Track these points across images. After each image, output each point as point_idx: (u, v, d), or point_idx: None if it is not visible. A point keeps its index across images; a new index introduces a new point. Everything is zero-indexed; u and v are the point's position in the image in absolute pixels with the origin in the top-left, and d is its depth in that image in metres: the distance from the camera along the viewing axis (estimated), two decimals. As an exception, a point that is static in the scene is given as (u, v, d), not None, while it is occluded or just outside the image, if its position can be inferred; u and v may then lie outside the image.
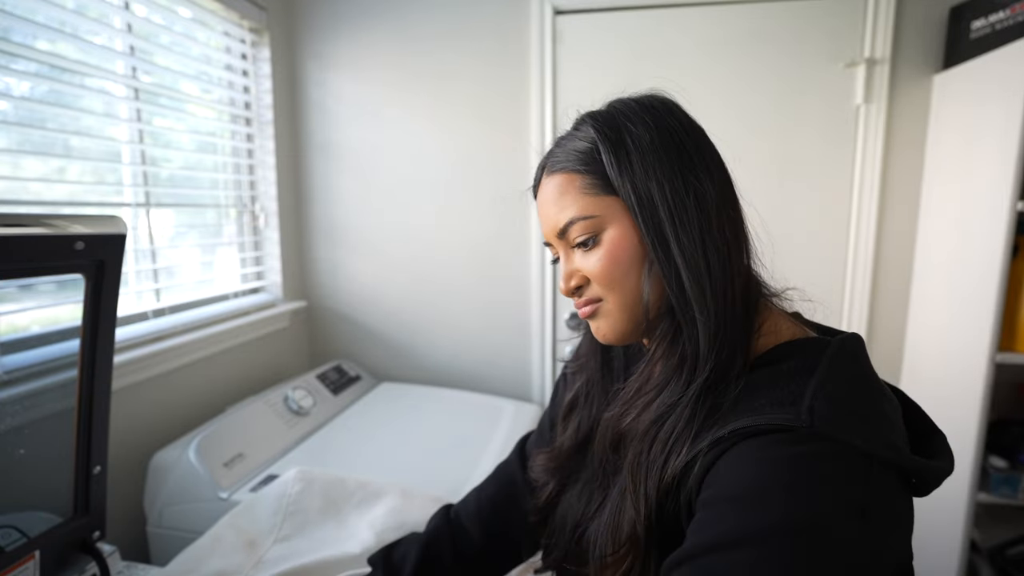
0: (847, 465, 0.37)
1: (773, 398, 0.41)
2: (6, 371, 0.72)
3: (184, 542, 1.05)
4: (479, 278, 1.71)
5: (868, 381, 0.44)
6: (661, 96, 0.54)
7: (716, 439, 0.41)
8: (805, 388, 0.41)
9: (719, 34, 1.49)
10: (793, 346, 0.47)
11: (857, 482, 0.37)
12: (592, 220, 0.50)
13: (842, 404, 0.40)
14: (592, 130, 0.51)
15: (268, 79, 1.60)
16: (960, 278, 1.31)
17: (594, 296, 0.52)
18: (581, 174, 0.51)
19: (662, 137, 0.49)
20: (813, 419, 0.38)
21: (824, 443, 0.38)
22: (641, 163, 0.48)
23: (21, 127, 1.00)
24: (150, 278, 1.28)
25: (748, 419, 0.40)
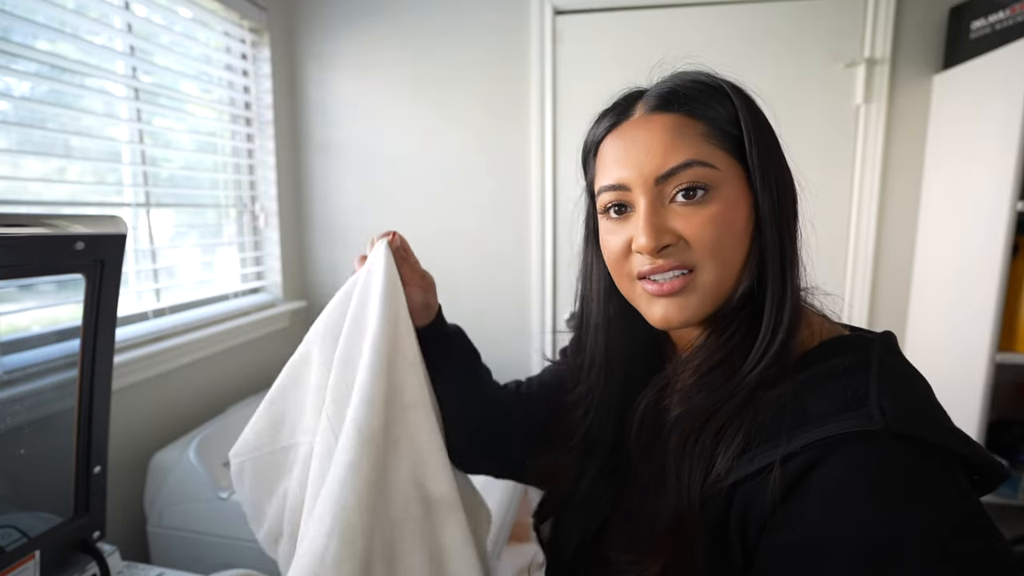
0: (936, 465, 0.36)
1: (836, 401, 0.39)
2: (6, 371, 0.72)
3: (184, 542, 1.05)
4: (479, 277, 1.71)
5: (917, 376, 0.43)
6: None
7: (789, 453, 0.37)
8: (867, 387, 0.38)
9: (719, 34, 1.49)
10: (835, 344, 0.45)
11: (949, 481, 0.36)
12: (713, 171, 0.44)
13: (908, 400, 0.38)
14: (724, 85, 0.49)
15: (268, 79, 1.60)
16: (960, 278, 1.31)
17: (688, 263, 0.45)
18: (706, 122, 0.46)
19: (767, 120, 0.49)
20: (887, 419, 0.36)
21: (903, 442, 0.36)
22: (768, 137, 0.48)
23: (21, 127, 1.00)
24: (150, 278, 1.28)
25: (819, 430, 0.37)
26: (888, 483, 0.35)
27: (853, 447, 0.36)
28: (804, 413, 0.39)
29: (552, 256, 1.64)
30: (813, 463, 0.37)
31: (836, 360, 0.42)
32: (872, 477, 0.35)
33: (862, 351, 0.42)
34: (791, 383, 0.41)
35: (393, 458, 0.55)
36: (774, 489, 0.37)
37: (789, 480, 0.37)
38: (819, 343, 0.45)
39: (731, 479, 0.40)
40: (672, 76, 0.52)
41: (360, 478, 0.50)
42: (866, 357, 0.41)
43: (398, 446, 0.56)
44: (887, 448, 0.36)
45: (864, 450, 0.36)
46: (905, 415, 0.36)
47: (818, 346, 0.45)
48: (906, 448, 0.36)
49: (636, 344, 0.55)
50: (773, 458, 0.38)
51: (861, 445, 0.36)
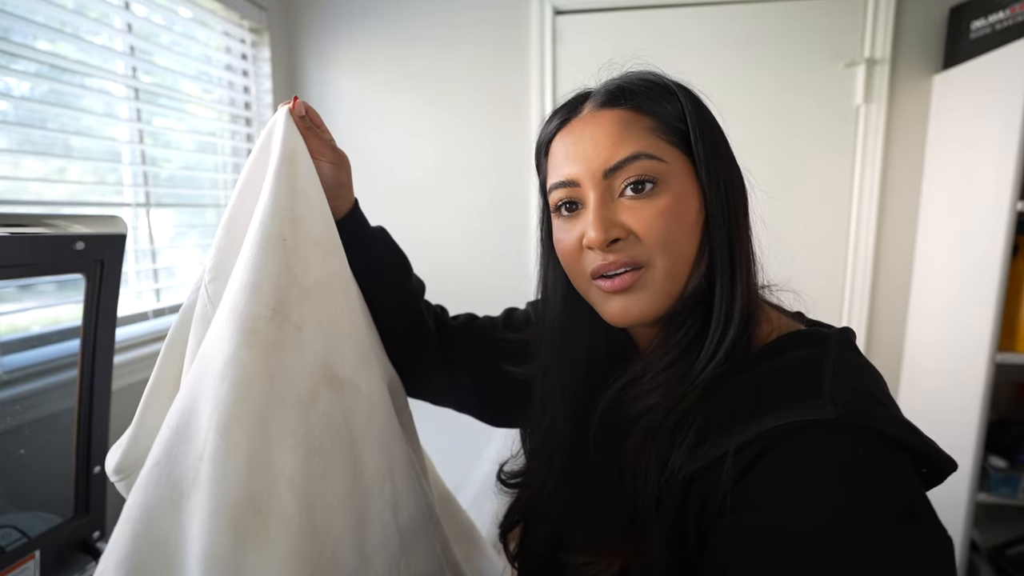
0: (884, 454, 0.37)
1: (791, 392, 0.40)
2: (6, 371, 0.72)
3: (184, 542, 1.05)
4: (479, 278, 1.71)
5: (871, 369, 0.44)
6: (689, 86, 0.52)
7: (742, 442, 0.38)
8: (821, 379, 0.39)
9: (719, 34, 1.49)
10: (792, 338, 0.45)
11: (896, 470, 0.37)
12: (660, 164, 0.44)
13: (861, 392, 0.39)
14: (671, 83, 0.49)
15: (268, 79, 1.60)
16: (960, 278, 1.31)
17: (639, 259, 0.45)
18: (653, 116, 0.46)
19: (711, 116, 0.49)
20: (839, 410, 0.37)
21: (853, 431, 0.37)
22: (714, 133, 0.48)
23: (21, 127, 1.00)
24: (150, 278, 1.28)
25: (772, 418, 0.38)
26: (837, 470, 0.36)
27: (805, 435, 0.37)
28: (759, 404, 0.40)
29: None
30: (765, 450, 0.38)
31: (792, 354, 0.43)
32: (822, 464, 0.36)
33: (818, 345, 0.43)
34: (747, 376, 0.42)
35: (294, 345, 0.49)
36: (727, 476, 0.38)
37: (742, 467, 0.38)
38: (776, 337, 0.45)
39: (685, 472, 0.41)
40: (621, 75, 0.52)
41: (241, 371, 0.45)
42: (822, 351, 0.42)
43: (301, 331, 0.50)
44: (838, 437, 0.37)
45: (815, 438, 0.37)
46: (856, 406, 0.37)
47: (775, 340, 0.45)
48: (856, 437, 0.37)
49: (596, 345, 0.55)
50: (727, 448, 0.39)
51: (813, 433, 0.37)
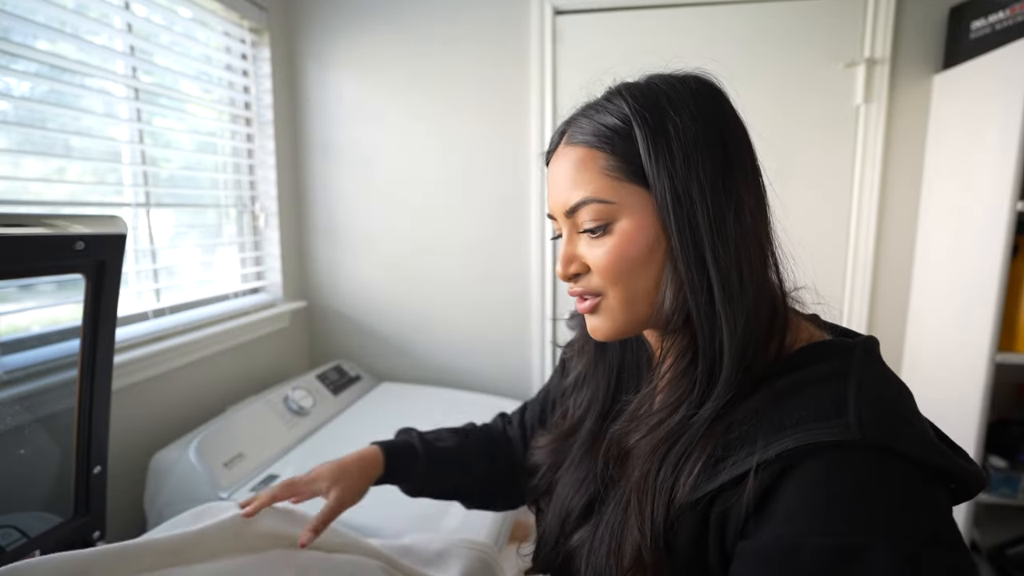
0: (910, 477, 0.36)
1: (814, 408, 0.38)
2: (6, 371, 0.72)
3: (184, 542, 1.05)
4: (479, 278, 1.71)
5: (897, 383, 0.42)
6: (709, 80, 0.49)
7: (763, 461, 0.37)
8: (845, 395, 0.38)
9: (719, 34, 1.49)
10: (814, 350, 0.44)
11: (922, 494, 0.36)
12: (608, 206, 0.45)
13: (887, 410, 0.38)
14: (628, 107, 0.46)
15: (268, 79, 1.60)
16: (960, 278, 1.31)
17: (594, 289, 0.48)
18: (607, 153, 0.46)
19: (707, 132, 0.44)
20: (863, 430, 0.36)
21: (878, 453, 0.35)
22: (684, 158, 0.43)
23: (21, 127, 1.00)
24: (150, 278, 1.28)
25: (794, 437, 0.37)
26: (861, 492, 0.35)
27: (829, 455, 0.36)
28: (780, 421, 0.39)
29: (552, 256, 1.64)
30: (786, 470, 0.37)
31: (815, 367, 0.42)
32: (846, 486, 0.35)
33: (842, 357, 0.42)
34: (768, 391, 0.41)
35: None
36: (749, 496, 0.37)
37: (764, 486, 0.37)
38: (799, 348, 0.44)
39: (701, 492, 0.40)
40: (584, 105, 0.52)
41: None
42: (846, 364, 0.41)
43: None
44: (863, 458, 0.36)
45: (840, 459, 0.36)
46: (883, 426, 0.36)
47: (797, 351, 0.44)
48: (882, 459, 0.36)
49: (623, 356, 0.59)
50: (748, 466, 0.38)
51: (838, 454, 0.36)
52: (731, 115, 0.47)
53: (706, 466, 0.41)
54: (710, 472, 0.40)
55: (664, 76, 0.50)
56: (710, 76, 0.50)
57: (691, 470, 0.41)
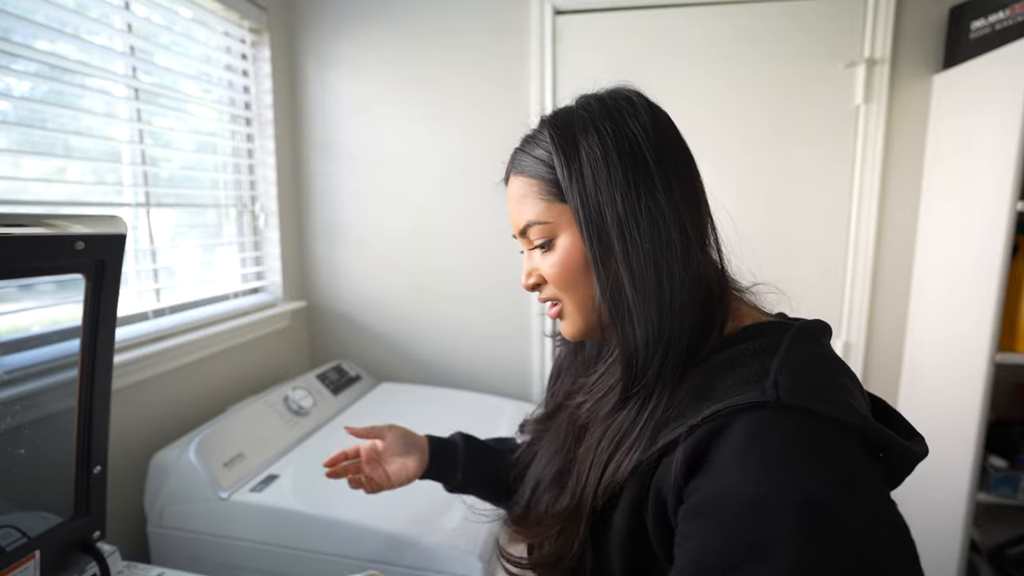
0: (821, 434, 0.38)
1: (739, 378, 0.42)
2: (6, 371, 0.72)
3: (184, 542, 1.05)
4: (479, 278, 1.71)
5: (830, 359, 0.45)
6: (627, 93, 0.53)
7: (691, 426, 0.41)
8: (768, 366, 0.42)
9: (719, 34, 1.49)
10: (753, 329, 0.49)
11: (834, 449, 0.38)
12: (547, 225, 0.52)
13: (805, 377, 0.41)
14: (549, 137, 0.52)
15: (268, 79, 1.60)
16: (960, 278, 1.31)
17: (552, 296, 0.56)
18: (539, 180, 0.53)
19: (619, 145, 0.49)
20: (779, 392, 0.39)
21: (792, 412, 0.39)
22: (593, 176, 0.49)
23: (21, 127, 1.00)
24: (150, 278, 1.28)
25: (718, 404, 0.41)
26: (769, 448, 0.38)
27: (747, 417, 0.39)
28: (710, 393, 0.43)
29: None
30: (713, 434, 0.40)
31: (748, 344, 0.46)
32: (756, 442, 0.39)
33: (775, 335, 0.46)
34: (703, 368, 0.46)
35: None
36: (678, 461, 0.41)
37: (694, 451, 0.41)
38: (739, 329, 0.49)
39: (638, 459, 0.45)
40: (523, 137, 0.58)
41: None
42: (777, 340, 0.45)
43: None
44: (777, 417, 0.39)
45: (757, 418, 0.39)
46: (797, 389, 0.39)
47: (737, 332, 0.49)
48: (797, 418, 0.39)
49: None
50: (678, 434, 0.42)
51: (756, 414, 0.39)
52: (647, 123, 0.50)
53: (642, 439, 0.46)
54: (648, 444, 0.45)
55: (585, 98, 0.54)
56: (630, 87, 0.54)
57: (629, 444, 0.47)
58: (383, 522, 0.97)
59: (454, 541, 0.94)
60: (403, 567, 0.94)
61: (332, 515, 0.98)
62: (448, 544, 0.93)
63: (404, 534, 0.95)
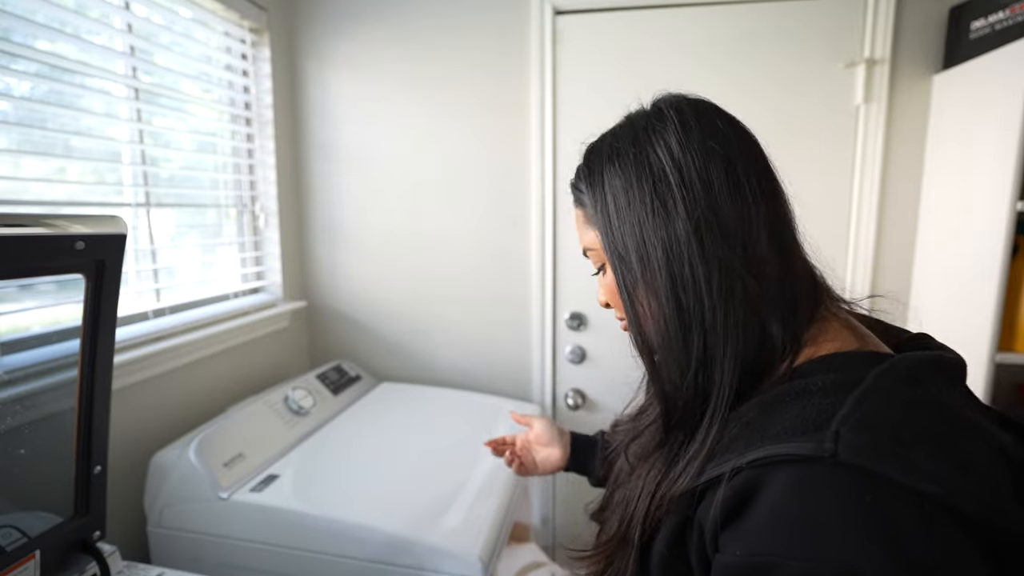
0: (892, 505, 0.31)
1: (797, 421, 0.36)
2: (6, 371, 0.72)
3: (184, 542, 1.05)
4: (479, 278, 1.71)
5: (937, 408, 0.36)
6: (662, 106, 0.50)
7: (735, 468, 0.37)
8: (835, 410, 0.35)
9: (720, 34, 1.49)
10: (830, 360, 0.42)
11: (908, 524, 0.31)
12: (595, 252, 0.54)
13: (877, 429, 0.33)
14: (582, 170, 0.54)
15: (268, 79, 1.60)
16: (960, 278, 1.31)
17: (618, 316, 0.55)
18: (581, 209, 0.54)
19: (639, 174, 0.46)
20: (837, 447, 0.32)
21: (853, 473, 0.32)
22: (615, 205, 0.48)
23: (21, 127, 1.00)
24: (150, 278, 1.28)
25: (770, 448, 0.35)
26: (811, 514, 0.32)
27: (794, 470, 0.34)
28: (765, 430, 0.38)
29: (552, 256, 1.64)
30: (754, 483, 0.35)
31: (819, 378, 0.39)
32: (796, 506, 0.33)
33: (856, 370, 0.38)
34: (762, 399, 0.41)
35: None
36: (718, 502, 0.37)
37: (732, 496, 0.36)
38: (819, 357, 0.43)
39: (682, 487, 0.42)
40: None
41: None
42: (857, 377, 0.37)
43: None
44: (835, 477, 0.32)
45: (800, 476, 0.34)
46: (861, 445, 0.32)
47: (815, 360, 0.43)
48: (862, 482, 0.32)
49: None
50: (724, 471, 0.38)
51: (807, 470, 0.33)
52: (677, 140, 0.46)
53: (689, 472, 0.43)
54: (696, 475, 0.42)
55: (619, 124, 0.53)
56: (669, 97, 0.51)
57: (675, 476, 0.44)
58: (383, 522, 0.97)
59: (454, 541, 0.94)
60: (403, 567, 0.94)
61: (332, 515, 0.98)
62: (448, 544, 0.93)
63: (404, 534, 0.95)
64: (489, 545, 0.95)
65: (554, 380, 1.70)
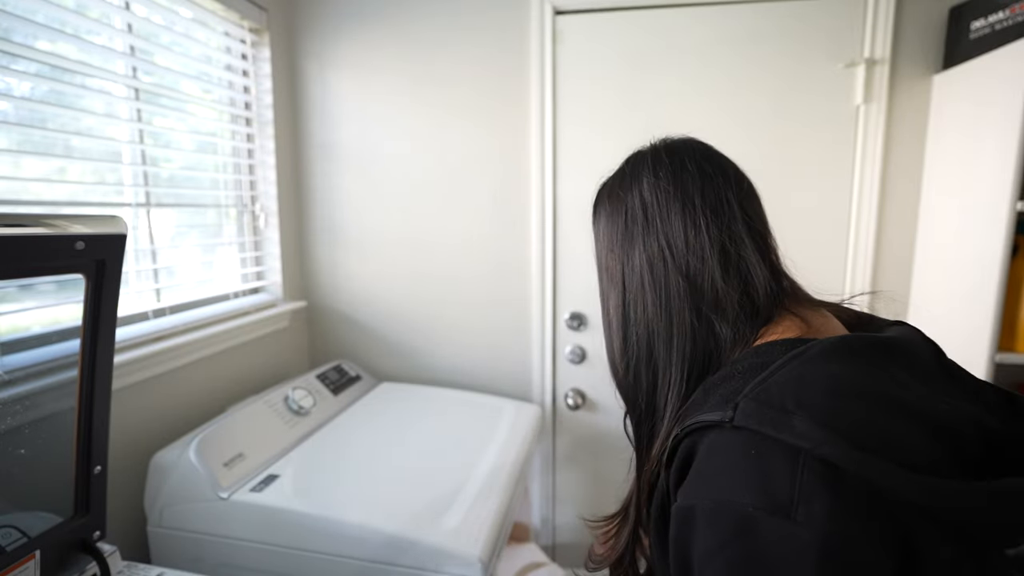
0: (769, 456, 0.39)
1: (720, 398, 0.45)
2: (6, 371, 0.72)
3: (184, 542, 1.05)
4: (479, 278, 1.71)
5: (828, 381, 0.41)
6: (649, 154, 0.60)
7: (675, 435, 0.47)
8: (743, 387, 0.43)
9: (719, 34, 1.49)
10: (758, 348, 0.50)
11: (782, 472, 0.37)
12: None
13: (769, 400, 0.40)
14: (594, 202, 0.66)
15: (268, 79, 1.60)
16: (960, 278, 1.31)
17: None
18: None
19: (617, 211, 0.59)
20: (735, 414, 0.41)
21: (743, 434, 0.40)
22: (601, 235, 0.62)
23: (22, 127, 1.00)
24: (150, 278, 1.28)
25: (693, 418, 0.45)
26: (714, 466, 0.42)
27: (711, 434, 0.44)
28: (701, 406, 0.47)
29: (552, 256, 1.64)
30: (693, 448, 0.45)
31: (745, 362, 0.48)
32: (708, 461, 0.43)
33: (773, 355, 0.46)
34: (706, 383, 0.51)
35: None
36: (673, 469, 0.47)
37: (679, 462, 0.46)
38: (754, 346, 0.51)
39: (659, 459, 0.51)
40: None
41: None
42: (771, 360, 0.45)
43: None
44: (732, 438, 0.41)
45: (716, 437, 0.43)
46: (750, 411, 0.40)
47: (750, 349, 0.51)
48: (750, 440, 0.40)
49: None
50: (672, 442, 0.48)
51: (716, 433, 0.43)
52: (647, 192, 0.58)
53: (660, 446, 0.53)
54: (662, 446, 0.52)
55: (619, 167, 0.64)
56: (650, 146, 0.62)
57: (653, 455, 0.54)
58: (383, 522, 0.97)
59: (454, 541, 0.94)
60: (403, 567, 0.94)
61: (332, 515, 0.98)
62: (448, 544, 0.93)
63: (404, 534, 0.95)
64: (489, 545, 0.95)
65: (554, 380, 1.70)
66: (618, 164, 0.64)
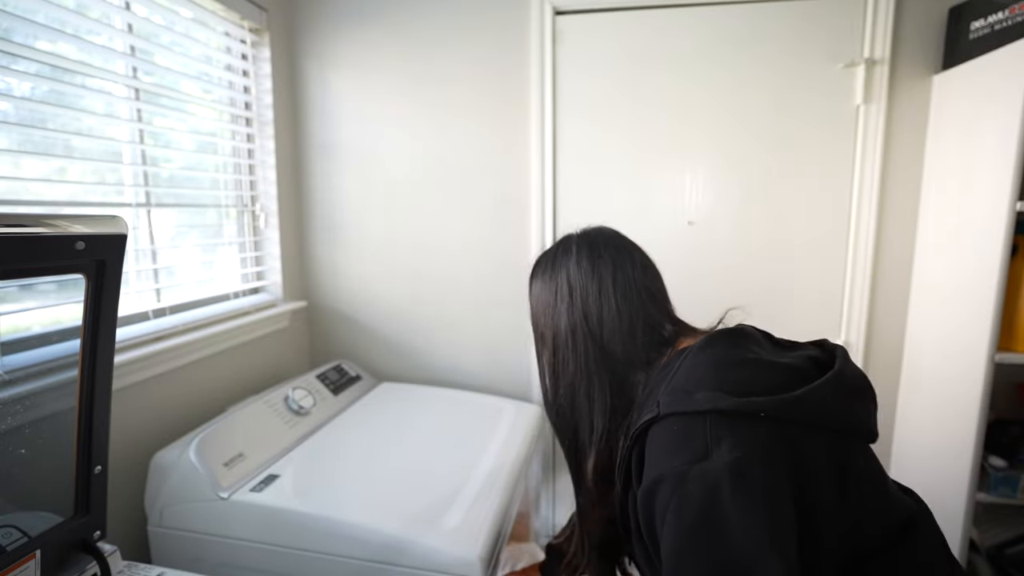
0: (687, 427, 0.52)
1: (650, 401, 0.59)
2: (6, 371, 0.72)
3: (184, 542, 1.05)
4: (479, 278, 1.71)
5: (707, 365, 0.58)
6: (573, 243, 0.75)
7: (631, 434, 0.59)
8: (661, 385, 0.60)
9: (719, 34, 1.49)
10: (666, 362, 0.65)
11: (696, 435, 0.51)
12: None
13: (677, 389, 0.56)
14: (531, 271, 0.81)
15: (268, 79, 1.61)
16: (960, 278, 1.31)
17: None
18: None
19: (548, 286, 0.74)
20: (659, 408, 0.55)
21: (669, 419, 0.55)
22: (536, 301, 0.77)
23: (22, 127, 1.00)
24: (151, 278, 1.28)
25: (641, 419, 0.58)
26: (662, 446, 0.55)
27: (652, 425, 0.57)
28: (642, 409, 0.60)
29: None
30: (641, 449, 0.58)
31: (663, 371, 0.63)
32: (651, 447, 0.56)
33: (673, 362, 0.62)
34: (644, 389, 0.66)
35: None
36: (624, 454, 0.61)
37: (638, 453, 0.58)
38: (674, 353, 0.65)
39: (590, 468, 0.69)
40: None
41: None
42: (673, 363, 0.62)
43: None
44: (664, 424, 0.55)
45: (652, 429, 0.57)
46: (667, 401, 0.56)
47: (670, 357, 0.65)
48: (670, 422, 0.55)
49: None
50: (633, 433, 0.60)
51: (655, 424, 0.56)
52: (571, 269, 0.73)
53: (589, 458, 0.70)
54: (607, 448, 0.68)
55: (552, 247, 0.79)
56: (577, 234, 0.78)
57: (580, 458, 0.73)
58: (383, 522, 0.97)
59: (454, 541, 0.94)
60: (403, 567, 0.94)
61: (332, 515, 0.98)
62: (448, 544, 0.93)
63: (404, 534, 0.95)
64: (489, 545, 0.95)
65: (554, 380, 1.70)
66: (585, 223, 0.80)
